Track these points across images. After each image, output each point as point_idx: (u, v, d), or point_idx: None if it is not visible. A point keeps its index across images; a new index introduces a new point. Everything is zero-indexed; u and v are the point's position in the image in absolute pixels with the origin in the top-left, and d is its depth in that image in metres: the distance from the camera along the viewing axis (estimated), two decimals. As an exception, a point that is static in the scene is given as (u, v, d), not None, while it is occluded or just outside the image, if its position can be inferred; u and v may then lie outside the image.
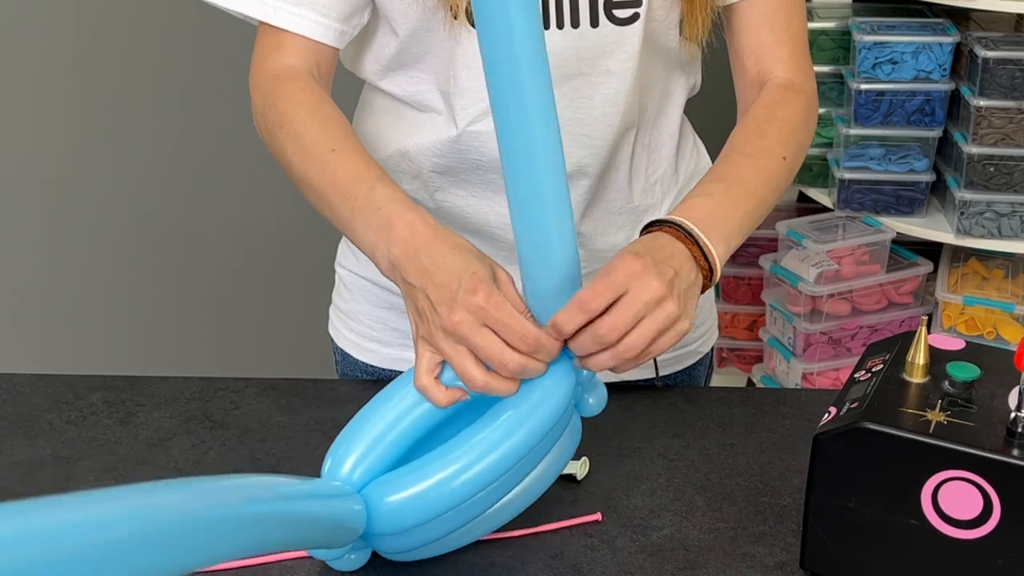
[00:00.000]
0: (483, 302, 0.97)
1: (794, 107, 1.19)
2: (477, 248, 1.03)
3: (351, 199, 1.08)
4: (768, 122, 1.18)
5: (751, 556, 1.06)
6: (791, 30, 1.22)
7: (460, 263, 1.00)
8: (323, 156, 1.11)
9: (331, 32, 1.18)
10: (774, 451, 1.21)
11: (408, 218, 1.04)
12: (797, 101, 1.20)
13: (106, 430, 1.24)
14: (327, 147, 1.11)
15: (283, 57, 1.18)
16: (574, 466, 1.15)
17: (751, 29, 1.22)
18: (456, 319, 0.97)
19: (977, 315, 2.27)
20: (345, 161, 1.10)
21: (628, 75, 1.19)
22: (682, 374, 1.40)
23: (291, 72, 1.17)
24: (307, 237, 2.40)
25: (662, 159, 1.29)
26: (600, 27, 1.16)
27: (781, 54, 1.22)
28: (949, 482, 0.94)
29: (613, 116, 1.20)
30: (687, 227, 1.05)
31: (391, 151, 1.27)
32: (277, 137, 1.15)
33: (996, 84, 2.15)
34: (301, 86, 1.16)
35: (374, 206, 1.06)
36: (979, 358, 1.02)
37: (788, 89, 1.20)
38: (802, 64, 1.23)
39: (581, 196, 1.23)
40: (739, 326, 2.57)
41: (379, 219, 1.05)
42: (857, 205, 2.33)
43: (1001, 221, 2.22)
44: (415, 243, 1.02)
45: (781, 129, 1.17)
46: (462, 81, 1.19)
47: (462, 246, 1.02)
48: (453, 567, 1.05)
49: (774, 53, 1.22)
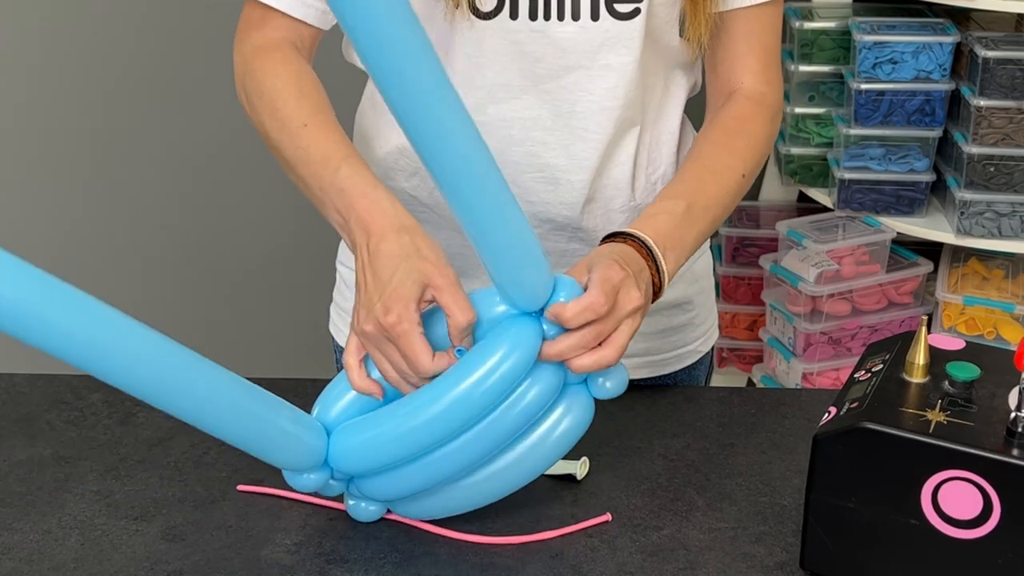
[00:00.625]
0: (391, 325, 1.01)
1: (761, 122, 1.23)
2: (428, 242, 1.04)
3: (320, 178, 1.11)
4: (736, 136, 1.21)
5: (751, 556, 1.06)
6: (764, 42, 1.25)
7: (389, 270, 1.02)
8: (296, 131, 1.13)
9: (312, 12, 1.20)
10: (774, 451, 1.21)
11: (366, 201, 1.07)
12: (764, 115, 1.24)
13: (106, 430, 1.24)
14: (300, 121, 1.13)
15: (268, 31, 1.20)
16: (574, 466, 1.15)
17: (727, 38, 1.24)
18: (367, 328, 1.02)
19: (977, 315, 2.27)
20: (317, 137, 1.13)
21: (628, 70, 1.19)
22: (682, 373, 1.40)
23: (272, 43, 1.19)
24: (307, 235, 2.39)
25: (663, 157, 1.29)
26: (600, 20, 1.17)
27: (752, 65, 1.25)
28: (949, 482, 0.94)
29: (612, 111, 1.21)
30: (649, 244, 1.10)
31: (390, 147, 1.27)
32: (256, 108, 1.17)
33: (996, 84, 2.15)
34: (281, 56, 1.18)
35: (338, 187, 1.09)
36: (979, 358, 1.02)
37: (758, 103, 1.24)
38: (772, 76, 1.26)
39: (580, 191, 1.23)
40: (739, 326, 2.57)
41: (343, 200, 1.08)
42: (857, 205, 2.33)
43: (1001, 221, 2.22)
44: (369, 230, 1.05)
45: (748, 146, 1.22)
46: (461, 70, 1.19)
47: (404, 250, 1.03)
48: (453, 567, 1.05)
49: (746, 63, 1.25)
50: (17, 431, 1.24)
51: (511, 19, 1.17)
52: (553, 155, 1.22)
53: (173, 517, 1.11)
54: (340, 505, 1.12)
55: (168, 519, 1.11)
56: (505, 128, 1.21)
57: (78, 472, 1.17)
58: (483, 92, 1.20)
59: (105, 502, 1.13)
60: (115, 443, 1.22)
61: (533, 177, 1.23)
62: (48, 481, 1.16)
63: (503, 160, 1.22)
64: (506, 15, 1.16)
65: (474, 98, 1.20)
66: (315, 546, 1.07)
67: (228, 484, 1.16)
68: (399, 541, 1.08)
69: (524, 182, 1.23)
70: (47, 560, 1.06)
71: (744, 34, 1.24)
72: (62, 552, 1.07)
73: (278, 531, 1.09)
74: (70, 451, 1.21)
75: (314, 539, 1.08)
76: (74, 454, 1.20)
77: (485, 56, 1.18)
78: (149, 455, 1.20)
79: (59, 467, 1.18)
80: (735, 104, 1.24)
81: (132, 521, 1.11)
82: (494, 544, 1.07)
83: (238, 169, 2.72)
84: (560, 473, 1.15)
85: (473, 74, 1.19)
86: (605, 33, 1.18)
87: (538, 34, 1.17)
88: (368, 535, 1.09)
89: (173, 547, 1.07)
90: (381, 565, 1.05)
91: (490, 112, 1.20)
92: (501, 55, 1.18)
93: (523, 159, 1.22)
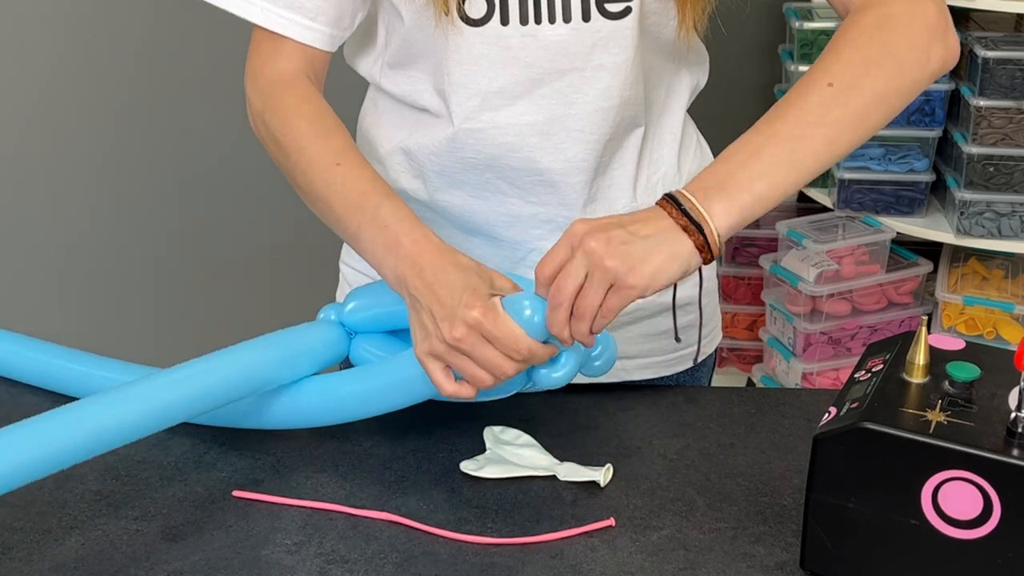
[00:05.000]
0: (480, 316, 1.02)
1: (861, 25, 1.09)
2: (477, 263, 1.07)
3: (358, 215, 1.12)
4: (826, 53, 1.09)
5: (751, 556, 1.06)
6: None
7: (460, 280, 1.05)
8: (328, 169, 1.14)
9: (319, 36, 1.20)
10: (774, 451, 1.21)
11: (415, 236, 1.09)
12: (865, 18, 1.09)
13: (106, 430, 1.24)
14: (331, 161, 1.14)
15: (280, 61, 1.20)
16: (598, 473, 1.15)
17: None
18: (457, 335, 1.03)
19: (977, 315, 2.27)
20: (350, 176, 1.13)
21: (622, 69, 1.19)
22: (685, 375, 1.39)
23: (289, 77, 1.19)
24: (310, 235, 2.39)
25: (664, 158, 1.28)
26: (592, 21, 1.17)
27: None
28: (949, 482, 0.94)
29: (608, 111, 1.20)
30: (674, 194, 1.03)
31: (392, 148, 1.28)
32: (281, 145, 1.17)
33: (996, 84, 2.15)
34: (302, 94, 1.18)
35: (381, 224, 1.10)
36: (979, 358, 1.02)
37: (865, 9, 1.10)
38: None
39: (580, 192, 1.23)
40: (739, 326, 2.57)
41: (386, 237, 1.10)
42: (857, 205, 2.33)
43: (1001, 221, 2.22)
44: (420, 261, 1.07)
45: (839, 54, 1.07)
46: (455, 78, 1.19)
47: (463, 264, 1.07)
48: (453, 567, 1.05)
49: None
50: (17, 431, 1.24)
51: (502, 25, 1.17)
52: (550, 159, 1.22)
53: (173, 517, 1.11)
54: (340, 506, 1.12)
55: (168, 519, 1.11)
56: (501, 135, 1.21)
57: (78, 472, 1.17)
58: (478, 99, 1.20)
59: (105, 502, 1.13)
60: (115, 443, 1.22)
61: (532, 180, 1.23)
62: (48, 481, 1.16)
63: (500, 165, 1.23)
64: (497, 21, 1.16)
65: (469, 105, 1.20)
66: (315, 546, 1.07)
67: (228, 484, 1.16)
68: (399, 541, 1.08)
69: (524, 184, 1.23)
70: (47, 560, 1.06)
71: None
72: (62, 552, 1.07)
73: (278, 531, 1.09)
74: (70, 451, 1.21)
75: (314, 539, 1.08)
76: (74, 454, 1.20)
77: (478, 63, 1.18)
78: (149, 455, 1.20)
79: (59, 467, 1.18)
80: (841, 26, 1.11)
81: (132, 521, 1.11)
82: (494, 544, 1.07)
83: (239, 168, 2.72)
84: (583, 480, 1.15)
85: (467, 81, 1.19)
86: (597, 34, 1.17)
87: (529, 39, 1.17)
88: (368, 535, 1.09)
89: (173, 547, 1.07)
90: (381, 565, 1.05)
91: (485, 119, 1.20)
92: (494, 62, 1.18)
93: (521, 164, 1.22)
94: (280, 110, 1.18)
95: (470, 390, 1.07)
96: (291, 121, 1.17)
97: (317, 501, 1.12)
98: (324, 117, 1.17)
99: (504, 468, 1.16)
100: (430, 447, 1.21)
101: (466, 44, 1.17)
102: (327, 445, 1.21)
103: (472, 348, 1.03)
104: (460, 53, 1.18)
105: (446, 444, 1.21)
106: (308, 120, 1.17)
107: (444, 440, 1.22)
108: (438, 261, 1.07)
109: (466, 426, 1.23)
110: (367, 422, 1.24)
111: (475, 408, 1.25)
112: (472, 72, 1.19)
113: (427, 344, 1.06)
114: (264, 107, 1.18)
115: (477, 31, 1.16)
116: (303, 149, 1.16)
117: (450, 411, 1.25)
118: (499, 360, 1.03)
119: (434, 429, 1.24)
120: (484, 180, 1.24)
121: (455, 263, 1.06)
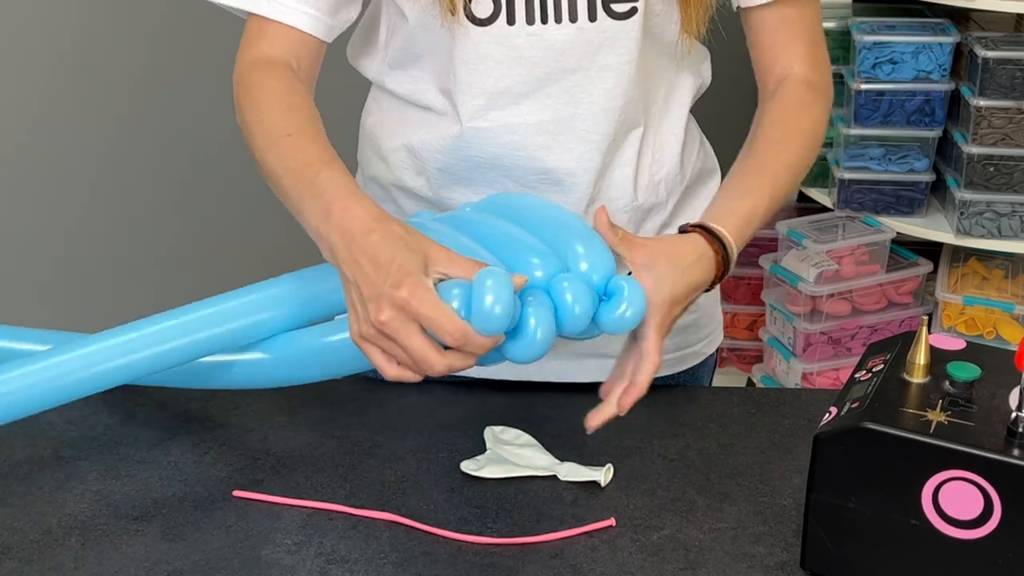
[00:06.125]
0: (407, 295, 0.96)
1: (816, 112, 1.24)
2: (411, 231, 1.01)
3: (299, 185, 1.07)
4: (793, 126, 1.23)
5: (751, 556, 1.06)
6: (808, 27, 1.25)
7: (388, 254, 0.98)
8: (279, 140, 1.10)
9: (315, 22, 1.18)
10: (774, 451, 1.21)
11: (346, 203, 1.03)
12: (820, 104, 1.25)
13: (106, 430, 1.24)
14: (284, 132, 1.11)
15: (263, 46, 1.18)
16: (598, 473, 1.15)
17: (770, 27, 1.25)
18: (383, 317, 0.97)
19: (977, 315, 2.27)
20: (299, 146, 1.10)
21: (627, 70, 1.19)
22: (685, 375, 1.39)
23: (268, 60, 1.18)
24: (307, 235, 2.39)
25: (666, 158, 1.28)
26: (598, 21, 1.17)
27: (799, 51, 1.25)
28: (950, 482, 0.94)
29: (612, 111, 1.21)
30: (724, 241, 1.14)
31: (397, 146, 1.27)
32: (246, 121, 1.15)
33: (996, 84, 2.15)
34: (275, 73, 1.16)
35: (318, 191, 1.05)
36: (979, 358, 1.02)
37: (811, 89, 1.24)
38: (819, 60, 1.26)
39: (583, 192, 1.23)
40: (739, 326, 2.57)
41: (321, 204, 1.04)
42: (857, 205, 2.33)
43: (1001, 221, 2.22)
44: (350, 230, 1.01)
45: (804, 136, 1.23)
46: (461, 77, 1.19)
47: (394, 233, 1.00)
48: (453, 567, 1.05)
49: (792, 49, 1.25)
50: (17, 431, 1.23)
51: (508, 24, 1.16)
52: (556, 158, 1.22)
53: (173, 517, 1.11)
54: (340, 506, 1.12)
55: (168, 519, 1.11)
56: (507, 134, 1.21)
57: (78, 472, 1.17)
58: (484, 99, 1.20)
59: (105, 502, 1.13)
60: (115, 443, 1.22)
61: (537, 179, 1.23)
62: (48, 481, 1.16)
63: (506, 164, 1.23)
64: (503, 21, 1.16)
65: (475, 105, 1.20)
66: (315, 546, 1.07)
67: (228, 484, 1.16)
68: (399, 541, 1.08)
69: (529, 183, 1.23)
70: (47, 560, 1.06)
71: (786, 22, 1.25)
72: (62, 552, 1.07)
73: (278, 531, 1.09)
74: (70, 451, 1.21)
75: (314, 539, 1.08)
76: (74, 454, 1.20)
77: (484, 63, 1.18)
78: (149, 455, 1.20)
79: (59, 467, 1.18)
80: (789, 90, 1.24)
81: (132, 521, 1.11)
82: (494, 544, 1.07)
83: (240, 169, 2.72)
84: (583, 480, 1.15)
85: (472, 81, 1.19)
86: (603, 34, 1.17)
87: (535, 38, 1.17)
88: (368, 535, 1.09)
89: (173, 547, 1.07)
90: (381, 565, 1.05)
91: (492, 118, 1.20)
92: (500, 61, 1.18)
93: (527, 163, 1.22)
94: (252, 87, 1.16)
95: (414, 375, 1.00)
96: (258, 96, 1.15)
97: (317, 501, 1.12)
98: (291, 94, 1.14)
99: (504, 468, 1.16)
100: (430, 447, 1.21)
101: (472, 44, 1.17)
102: (327, 445, 1.21)
103: (397, 333, 0.96)
104: (466, 53, 1.18)
105: (446, 444, 1.21)
106: (275, 95, 1.14)
107: (444, 440, 1.22)
108: (367, 229, 1.00)
109: (466, 426, 1.23)
110: (367, 422, 1.24)
111: (475, 408, 1.25)
112: (478, 71, 1.19)
113: (357, 327, 1.00)
114: (239, 88, 1.17)
115: (483, 31, 1.16)
116: (261, 122, 1.13)
117: (450, 411, 1.25)
118: (423, 352, 0.96)
119: (434, 429, 1.23)
120: (489, 179, 1.24)
121: (386, 233, 0.99)
